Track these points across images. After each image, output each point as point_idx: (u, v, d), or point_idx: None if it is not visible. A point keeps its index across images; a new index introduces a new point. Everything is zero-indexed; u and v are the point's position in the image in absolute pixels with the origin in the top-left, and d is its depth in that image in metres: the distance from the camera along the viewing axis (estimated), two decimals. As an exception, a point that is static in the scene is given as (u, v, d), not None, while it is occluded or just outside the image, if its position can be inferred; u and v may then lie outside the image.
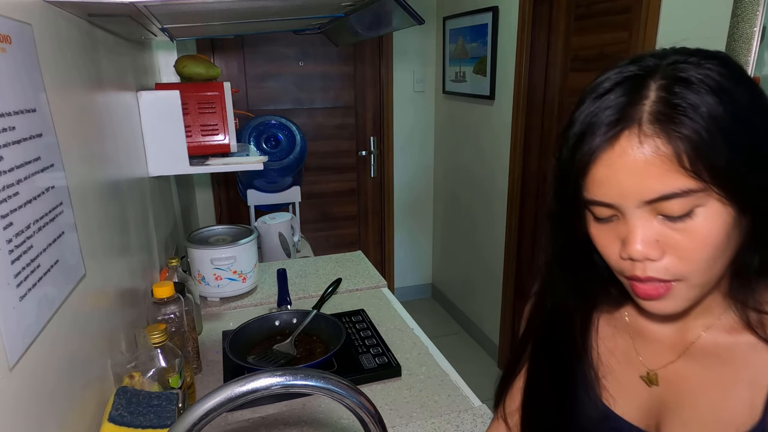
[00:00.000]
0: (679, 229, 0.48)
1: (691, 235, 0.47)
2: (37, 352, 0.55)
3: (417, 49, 3.17)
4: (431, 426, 0.95)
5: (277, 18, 1.08)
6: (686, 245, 0.48)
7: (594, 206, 0.51)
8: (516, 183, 2.47)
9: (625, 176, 0.47)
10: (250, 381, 0.45)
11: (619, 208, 0.49)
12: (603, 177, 0.48)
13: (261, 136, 2.29)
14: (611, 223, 0.51)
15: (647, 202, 0.47)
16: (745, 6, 1.31)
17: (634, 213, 0.48)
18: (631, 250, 0.49)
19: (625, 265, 0.51)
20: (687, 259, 0.48)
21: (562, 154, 0.53)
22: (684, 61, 0.48)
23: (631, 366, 0.62)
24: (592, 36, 2.01)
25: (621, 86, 0.48)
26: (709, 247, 0.48)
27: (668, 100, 0.46)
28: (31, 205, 0.55)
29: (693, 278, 0.49)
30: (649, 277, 0.50)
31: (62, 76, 0.71)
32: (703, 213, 0.47)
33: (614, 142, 0.47)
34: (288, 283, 1.34)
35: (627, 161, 0.47)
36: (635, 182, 0.47)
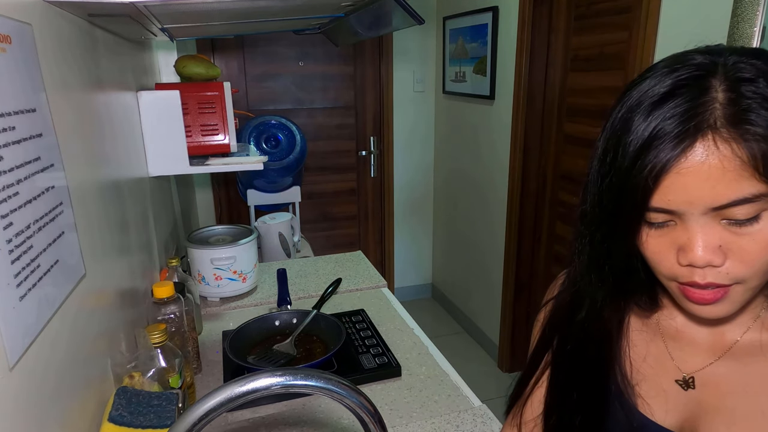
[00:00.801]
0: (742, 234, 0.46)
1: (755, 238, 0.46)
2: (37, 352, 0.55)
3: (417, 49, 3.17)
4: (431, 426, 0.95)
5: (277, 18, 1.08)
6: (750, 249, 0.46)
7: (650, 212, 0.49)
8: (516, 183, 2.47)
9: (697, 183, 0.45)
10: (250, 381, 0.45)
11: (681, 214, 0.47)
12: (671, 185, 0.46)
13: (261, 136, 2.29)
14: (666, 228, 0.49)
15: (715, 209, 0.45)
16: (745, 6, 1.31)
17: (698, 219, 0.46)
18: (693, 257, 0.47)
19: (683, 272, 0.49)
20: (748, 263, 0.47)
21: (619, 162, 0.49)
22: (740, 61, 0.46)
23: (665, 371, 0.61)
24: (592, 36, 2.01)
25: (685, 89, 0.46)
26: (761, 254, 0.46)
27: (738, 102, 0.44)
28: (31, 205, 0.55)
29: (751, 281, 0.48)
30: (710, 282, 0.48)
31: (62, 76, 0.71)
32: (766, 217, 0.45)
33: (689, 149, 0.45)
34: (288, 283, 1.34)
35: (701, 168, 0.44)
36: (706, 189, 0.45)
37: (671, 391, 0.60)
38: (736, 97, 0.44)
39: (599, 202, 0.53)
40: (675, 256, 0.49)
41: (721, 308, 0.50)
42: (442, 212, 3.37)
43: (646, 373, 0.62)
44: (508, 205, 2.56)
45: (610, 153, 0.50)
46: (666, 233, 0.49)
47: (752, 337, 0.55)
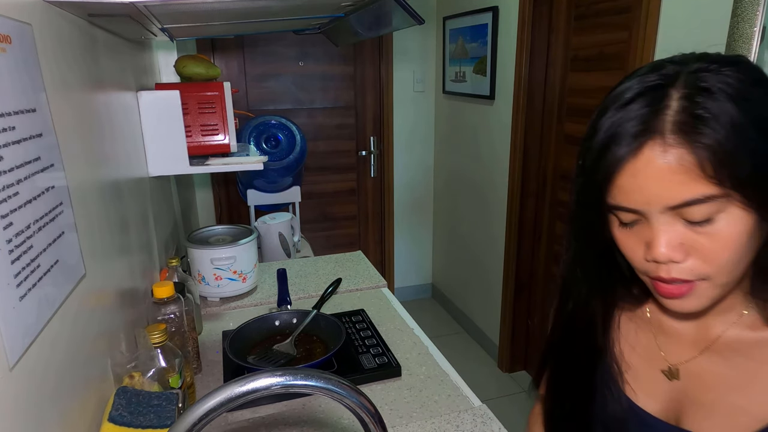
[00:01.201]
0: (702, 233, 0.49)
1: (713, 238, 0.49)
2: (37, 352, 0.55)
3: (417, 49, 3.17)
4: (431, 426, 0.95)
5: (277, 18, 1.08)
6: (709, 248, 0.50)
7: (619, 211, 0.53)
8: (516, 183, 2.47)
9: (650, 184, 0.49)
10: (250, 381, 0.45)
11: (644, 214, 0.51)
12: (628, 185, 0.50)
13: (261, 136, 2.29)
14: (635, 227, 0.53)
15: (671, 208, 0.49)
16: (745, 6, 1.31)
17: (659, 218, 0.50)
18: (655, 254, 0.51)
19: (650, 267, 0.53)
20: (710, 261, 0.50)
21: (586, 161, 0.54)
22: (705, 69, 0.49)
23: (652, 361, 0.64)
24: (592, 36, 2.01)
25: (644, 96, 0.49)
26: (731, 250, 0.49)
27: (690, 111, 0.47)
28: (31, 205, 0.55)
29: (716, 278, 0.51)
30: (674, 278, 0.52)
31: (62, 76, 0.71)
32: (725, 218, 0.48)
33: (638, 152, 0.49)
34: (288, 283, 1.34)
35: (652, 170, 0.48)
36: (660, 190, 0.48)
37: (657, 380, 0.64)
38: (688, 105, 0.47)
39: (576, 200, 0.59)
40: (644, 252, 0.53)
41: (690, 303, 0.54)
42: (442, 212, 3.37)
43: (634, 362, 0.66)
44: (508, 205, 2.56)
45: (583, 153, 0.55)
46: (636, 231, 0.54)
47: (735, 334, 0.58)
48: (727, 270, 0.51)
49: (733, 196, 0.47)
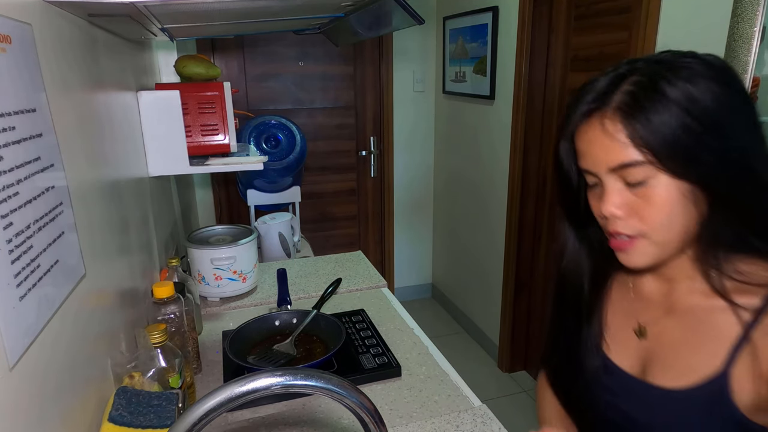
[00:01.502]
0: (640, 195, 0.61)
1: (649, 201, 0.60)
2: (37, 352, 0.55)
3: (417, 49, 3.17)
4: (431, 426, 0.95)
5: (277, 18, 1.08)
6: (645, 209, 0.61)
7: (585, 174, 0.66)
8: (516, 183, 2.47)
9: (596, 149, 0.62)
10: (250, 381, 0.45)
11: (598, 175, 0.63)
12: (584, 149, 0.63)
13: (261, 136, 2.29)
14: (597, 190, 0.65)
15: (612, 169, 0.61)
16: (745, 6, 1.31)
17: (608, 180, 0.62)
18: (603, 209, 0.63)
19: (604, 223, 0.65)
20: (646, 220, 0.61)
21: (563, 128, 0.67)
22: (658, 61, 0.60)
23: (628, 322, 0.74)
24: (592, 36, 2.01)
25: (607, 78, 0.62)
26: (663, 212, 0.60)
27: (634, 95, 0.58)
28: (31, 205, 0.55)
29: (653, 236, 0.62)
30: (617, 231, 0.63)
31: (62, 76, 0.71)
32: (656, 184, 0.59)
33: (587, 119, 0.62)
34: (288, 283, 1.34)
35: (596, 137, 0.61)
36: (601, 153, 0.61)
37: (630, 339, 0.73)
38: (634, 91, 0.58)
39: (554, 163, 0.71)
40: (597, 206, 0.65)
41: (634, 258, 0.65)
42: (442, 212, 3.37)
43: (615, 323, 0.76)
44: (508, 205, 2.56)
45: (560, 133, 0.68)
46: (597, 193, 0.65)
47: (692, 300, 0.66)
48: (662, 230, 0.61)
49: (660, 167, 0.58)
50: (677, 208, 0.59)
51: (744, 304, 0.61)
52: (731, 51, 1.35)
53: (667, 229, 0.61)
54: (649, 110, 0.57)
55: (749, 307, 0.60)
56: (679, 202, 0.59)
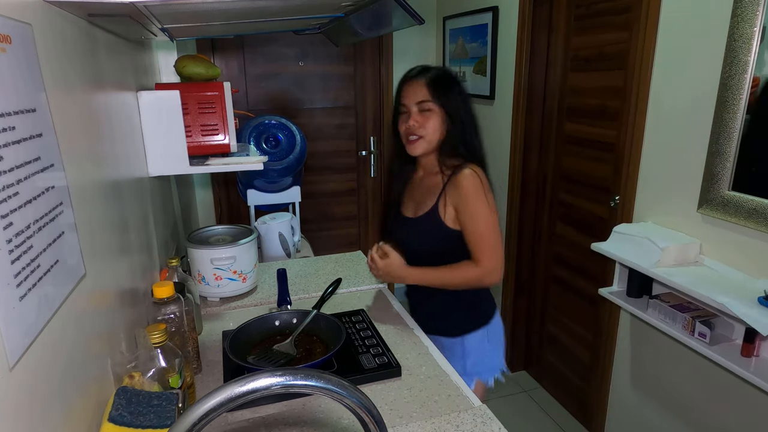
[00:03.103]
0: (427, 117, 1.29)
1: (429, 121, 1.29)
2: (37, 352, 0.55)
3: (417, 49, 3.17)
4: (431, 426, 0.95)
5: (277, 18, 1.08)
6: (426, 124, 1.29)
7: (401, 106, 1.33)
8: (516, 183, 2.47)
9: (412, 92, 1.30)
10: (250, 381, 0.45)
11: (408, 107, 1.31)
12: (405, 92, 1.32)
13: (261, 136, 2.29)
14: (404, 116, 1.33)
15: (417, 104, 1.29)
16: (745, 6, 1.31)
17: (413, 109, 1.30)
18: (409, 121, 1.30)
19: (405, 133, 1.32)
20: (425, 130, 1.29)
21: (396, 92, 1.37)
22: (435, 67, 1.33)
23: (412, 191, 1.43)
24: (592, 36, 2.01)
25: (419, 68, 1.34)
26: (432, 127, 1.29)
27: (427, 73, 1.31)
28: (31, 205, 0.55)
29: (426, 138, 1.30)
30: (413, 133, 1.30)
31: (62, 76, 0.71)
32: (433, 114, 1.29)
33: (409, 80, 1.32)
34: (288, 283, 1.34)
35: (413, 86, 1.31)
36: (413, 96, 1.30)
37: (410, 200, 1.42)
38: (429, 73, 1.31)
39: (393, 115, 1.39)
40: (404, 126, 1.32)
41: (417, 148, 1.32)
42: (442, 212, 3.36)
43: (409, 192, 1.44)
44: (508, 205, 2.56)
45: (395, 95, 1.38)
46: (404, 118, 1.33)
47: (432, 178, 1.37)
48: (430, 136, 1.30)
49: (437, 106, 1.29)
50: (438, 125, 1.30)
51: (446, 175, 1.32)
52: (731, 51, 1.35)
53: (433, 137, 1.31)
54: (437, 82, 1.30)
55: (446, 176, 1.33)
56: (439, 123, 1.30)
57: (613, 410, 2.01)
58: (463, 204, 1.27)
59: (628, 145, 1.76)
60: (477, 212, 1.26)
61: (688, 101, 1.53)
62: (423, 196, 1.36)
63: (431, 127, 1.27)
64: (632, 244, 1.61)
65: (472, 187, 1.26)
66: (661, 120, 1.64)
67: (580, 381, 2.27)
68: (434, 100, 1.27)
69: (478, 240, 1.27)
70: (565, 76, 2.21)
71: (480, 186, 1.27)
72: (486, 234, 1.27)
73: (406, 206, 1.41)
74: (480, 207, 1.27)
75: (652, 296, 1.61)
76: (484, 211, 1.27)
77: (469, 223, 1.27)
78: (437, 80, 1.28)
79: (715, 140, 1.42)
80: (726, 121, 1.38)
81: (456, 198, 1.28)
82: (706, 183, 1.47)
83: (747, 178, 1.37)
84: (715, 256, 1.49)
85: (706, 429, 1.59)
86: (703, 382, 1.57)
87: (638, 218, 1.78)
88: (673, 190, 1.61)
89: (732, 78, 1.35)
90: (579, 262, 2.22)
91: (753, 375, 1.27)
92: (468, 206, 1.27)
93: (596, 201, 2.06)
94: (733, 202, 1.39)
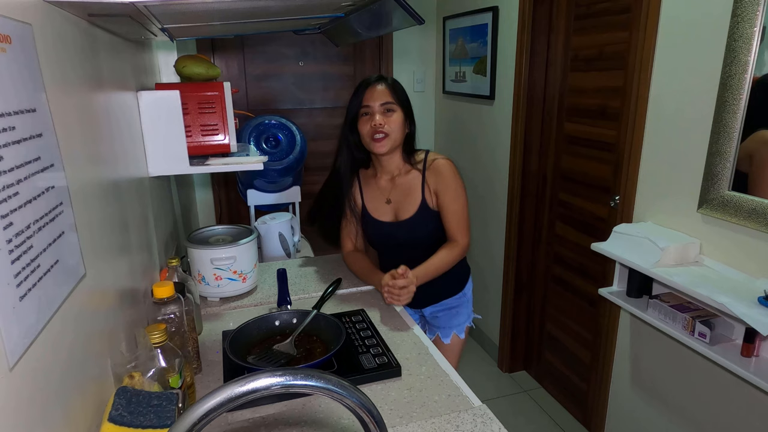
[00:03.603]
0: (390, 117, 1.46)
1: (393, 121, 1.46)
2: (37, 352, 0.55)
3: (417, 49, 3.17)
4: (431, 426, 0.95)
5: (277, 18, 1.08)
6: (391, 123, 1.45)
7: (364, 109, 1.46)
8: (516, 183, 2.47)
9: (376, 95, 1.45)
10: (250, 381, 0.45)
11: (372, 109, 1.45)
12: (369, 95, 1.46)
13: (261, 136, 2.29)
14: (367, 117, 1.46)
15: (381, 105, 1.45)
16: (745, 6, 1.31)
17: (378, 110, 1.45)
18: (375, 122, 1.44)
19: (372, 132, 1.45)
20: (390, 129, 1.45)
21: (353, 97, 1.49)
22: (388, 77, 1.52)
23: (381, 198, 1.56)
24: (592, 36, 2.01)
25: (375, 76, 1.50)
26: (396, 127, 1.46)
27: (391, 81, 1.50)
28: (31, 205, 0.55)
29: (391, 137, 1.46)
30: (380, 131, 1.44)
31: (62, 76, 0.71)
32: (396, 114, 1.46)
33: (373, 85, 1.47)
34: (288, 283, 1.34)
35: (376, 89, 1.46)
36: (378, 97, 1.45)
37: (384, 206, 1.56)
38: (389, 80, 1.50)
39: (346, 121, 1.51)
40: (369, 125, 1.45)
41: (383, 147, 1.46)
42: (442, 212, 3.36)
43: (375, 202, 1.56)
44: (508, 205, 2.56)
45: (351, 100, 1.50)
46: (367, 119, 1.46)
47: (404, 177, 1.53)
48: (395, 134, 1.46)
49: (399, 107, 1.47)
50: (401, 125, 1.47)
51: (419, 168, 1.51)
52: (731, 51, 1.35)
53: (397, 135, 1.46)
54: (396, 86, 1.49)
55: (420, 168, 1.51)
56: (402, 123, 1.47)
57: (613, 410, 2.01)
58: (445, 186, 1.48)
59: (628, 145, 1.76)
60: (458, 193, 1.49)
61: (688, 101, 1.53)
62: (403, 195, 1.52)
63: (395, 124, 1.45)
64: (632, 244, 1.61)
65: (452, 172, 1.50)
66: (661, 120, 1.64)
67: (580, 381, 2.27)
68: (396, 102, 1.45)
69: (459, 219, 1.50)
70: (565, 76, 2.21)
71: (457, 171, 1.51)
72: (463, 212, 1.50)
73: (380, 210, 1.55)
74: (460, 189, 1.49)
75: (652, 296, 1.61)
76: (463, 193, 1.50)
77: (452, 203, 1.48)
78: (396, 85, 1.49)
79: (715, 140, 1.42)
80: (726, 121, 1.38)
81: (438, 182, 1.48)
82: (706, 183, 1.47)
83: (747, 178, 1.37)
84: (715, 256, 1.49)
85: (706, 429, 1.59)
86: (703, 382, 1.57)
87: (638, 218, 1.78)
88: (673, 190, 1.61)
89: (732, 78, 1.35)
90: (579, 262, 2.22)
91: (753, 375, 1.27)
92: (449, 188, 1.48)
93: (596, 201, 2.06)
94: (733, 202, 1.39)
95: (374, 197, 1.55)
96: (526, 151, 2.43)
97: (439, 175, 1.48)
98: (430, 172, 1.49)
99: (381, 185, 1.55)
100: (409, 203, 1.51)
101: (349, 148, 1.52)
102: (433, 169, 1.49)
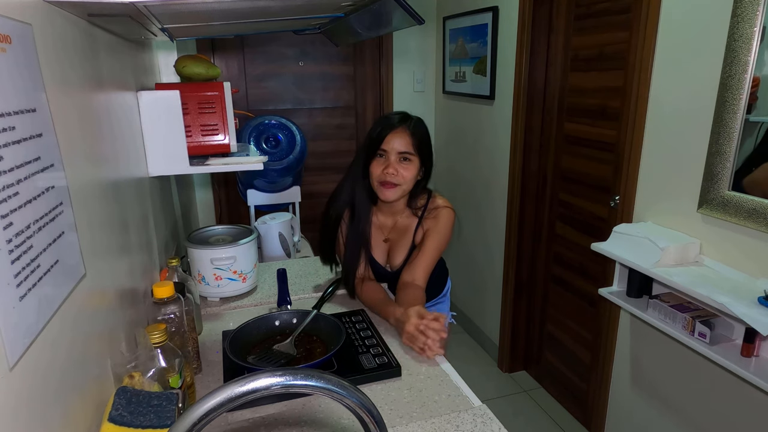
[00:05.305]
0: (405, 167, 1.39)
1: (407, 171, 1.39)
2: (37, 352, 0.55)
3: (417, 49, 3.17)
4: (431, 426, 0.95)
5: (277, 18, 1.08)
6: (404, 174, 1.39)
7: (380, 151, 1.39)
8: (516, 183, 2.47)
9: (395, 141, 1.38)
10: (250, 381, 0.45)
11: (389, 153, 1.39)
12: (390, 141, 1.38)
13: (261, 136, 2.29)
14: (381, 159, 1.40)
15: (399, 153, 1.38)
16: (745, 6, 1.31)
17: (394, 157, 1.39)
18: (389, 169, 1.37)
19: (383, 177, 1.38)
20: (402, 179, 1.39)
21: (372, 133, 1.42)
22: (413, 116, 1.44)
23: (381, 237, 1.53)
24: (592, 36, 2.01)
25: (399, 116, 1.42)
26: (409, 177, 1.40)
27: (411, 126, 1.40)
28: (31, 205, 0.55)
29: (403, 186, 1.40)
30: (389, 181, 1.38)
31: (62, 76, 0.71)
32: (411, 163, 1.40)
33: (396, 128, 1.39)
34: (288, 283, 1.34)
35: (397, 135, 1.38)
36: (397, 144, 1.38)
37: (381, 245, 1.53)
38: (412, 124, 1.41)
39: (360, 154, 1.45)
40: (381, 170, 1.38)
41: (393, 195, 1.40)
42: (442, 212, 3.36)
43: (374, 237, 1.52)
44: (508, 206, 2.56)
45: (370, 132, 1.43)
46: (381, 162, 1.39)
47: (402, 221, 1.50)
48: (406, 186, 1.41)
49: (416, 157, 1.40)
50: (414, 175, 1.41)
51: (417, 215, 1.49)
52: (731, 51, 1.35)
53: (408, 186, 1.41)
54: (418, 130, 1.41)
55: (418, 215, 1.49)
56: (416, 172, 1.42)
57: (613, 410, 2.01)
58: (436, 231, 1.46)
59: (628, 145, 1.76)
60: (441, 243, 1.46)
61: (688, 101, 1.53)
62: (399, 236, 1.50)
63: (409, 176, 1.39)
64: (632, 244, 1.61)
65: (449, 224, 1.47)
66: (661, 120, 1.64)
67: (580, 381, 2.27)
68: (415, 151, 1.38)
69: (428, 264, 1.44)
70: (565, 76, 2.21)
71: (454, 224, 1.49)
72: (434, 261, 1.45)
73: (377, 249, 1.52)
74: (445, 240, 1.47)
75: (652, 296, 1.61)
76: (445, 245, 1.48)
77: (433, 242, 1.45)
78: (417, 129, 1.39)
79: (715, 140, 1.42)
80: (726, 121, 1.38)
81: (431, 225, 1.46)
82: (706, 183, 1.47)
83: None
84: (715, 256, 1.49)
85: (705, 429, 1.59)
86: (703, 382, 1.57)
87: (638, 218, 1.78)
88: (673, 190, 1.61)
89: (732, 78, 1.35)
90: (579, 262, 2.22)
91: (753, 375, 1.27)
92: (439, 234, 1.45)
93: (596, 201, 2.06)
94: (733, 202, 1.39)
95: (374, 232, 1.51)
96: (526, 151, 2.43)
97: (435, 219, 1.46)
98: (433, 218, 1.47)
99: (381, 222, 1.52)
100: (402, 245, 1.49)
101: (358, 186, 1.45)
102: (437, 216, 1.46)
